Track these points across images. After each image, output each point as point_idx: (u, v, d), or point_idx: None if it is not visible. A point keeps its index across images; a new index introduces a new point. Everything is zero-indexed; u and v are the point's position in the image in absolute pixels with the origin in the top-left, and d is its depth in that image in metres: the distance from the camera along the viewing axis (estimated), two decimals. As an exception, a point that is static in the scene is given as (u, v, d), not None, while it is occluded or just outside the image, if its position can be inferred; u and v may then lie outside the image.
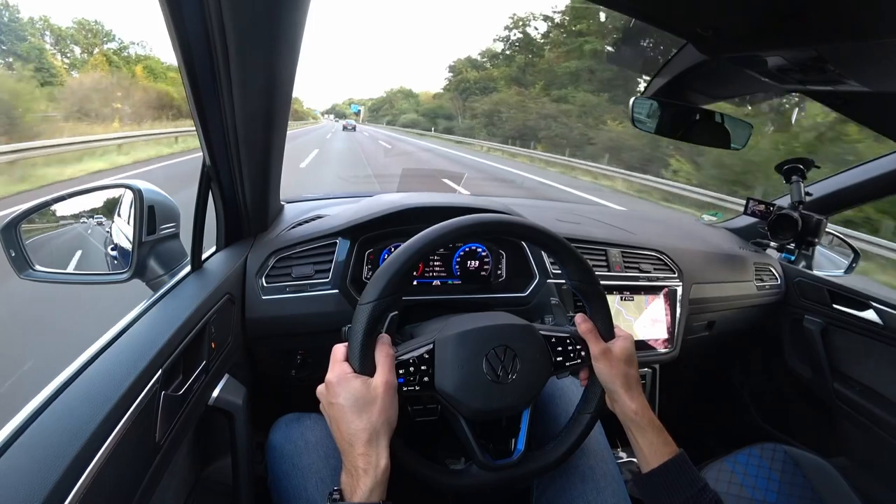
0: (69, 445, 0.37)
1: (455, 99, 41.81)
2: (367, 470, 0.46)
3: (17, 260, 0.64)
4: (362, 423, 0.47)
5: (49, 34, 19.10)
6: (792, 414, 1.33)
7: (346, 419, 0.47)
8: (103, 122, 15.51)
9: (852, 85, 0.54)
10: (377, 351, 0.51)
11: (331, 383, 0.49)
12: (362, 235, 0.89)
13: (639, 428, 0.57)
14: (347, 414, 0.47)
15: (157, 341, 0.52)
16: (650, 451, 0.56)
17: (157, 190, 0.72)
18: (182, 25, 0.49)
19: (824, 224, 1.22)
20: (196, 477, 0.67)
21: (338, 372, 0.50)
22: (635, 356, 0.61)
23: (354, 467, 0.46)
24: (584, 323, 0.61)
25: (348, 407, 0.47)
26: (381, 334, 0.52)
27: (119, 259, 0.72)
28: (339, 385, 0.49)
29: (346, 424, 0.47)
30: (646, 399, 0.59)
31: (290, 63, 0.59)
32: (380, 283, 0.50)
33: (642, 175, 9.93)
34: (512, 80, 33.04)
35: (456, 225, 0.54)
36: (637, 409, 0.57)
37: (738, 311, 1.26)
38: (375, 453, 0.47)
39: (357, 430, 0.47)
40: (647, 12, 0.53)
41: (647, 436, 0.56)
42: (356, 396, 0.48)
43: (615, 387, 0.58)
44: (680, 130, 0.90)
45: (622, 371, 0.58)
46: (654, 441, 0.56)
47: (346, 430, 0.47)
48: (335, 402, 0.48)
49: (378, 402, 0.48)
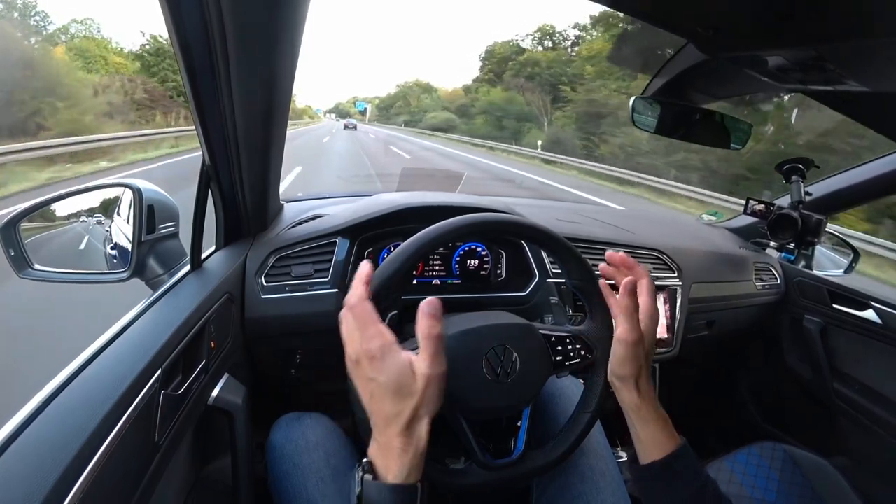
0: (69, 445, 0.37)
1: (533, 91, 26.67)
2: (406, 450, 0.40)
3: (16, 259, 0.64)
4: (404, 408, 0.40)
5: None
6: (791, 413, 1.34)
7: (385, 400, 0.41)
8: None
9: (852, 85, 0.54)
10: (420, 327, 0.41)
11: (371, 356, 0.41)
12: (362, 235, 0.89)
13: (642, 420, 0.53)
14: (387, 395, 0.40)
15: (156, 341, 0.52)
16: (651, 443, 0.52)
17: (157, 189, 0.72)
18: (182, 24, 0.49)
19: (824, 224, 1.22)
20: (196, 476, 0.67)
21: (381, 342, 0.41)
22: (655, 336, 0.56)
23: (390, 445, 0.41)
24: (625, 297, 0.53)
25: (390, 390, 0.40)
26: (425, 300, 0.42)
27: (118, 258, 0.72)
28: (383, 360, 0.40)
29: (385, 404, 0.41)
30: (652, 386, 0.55)
31: (289, 61, 0.59)
32: (379, 282, 0.50)
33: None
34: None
35: (455, 224, 0.54)
36: (640, 402, 0.53)
37: (738, 310, 1.26)
38: (416, 435, 0.41)
39: (397, 411, 0.40)
40: (648, 12, 0.52)
41: (650, 428, 0.52)
42: (398, 379, 0.40)
43: (625, 377, 0.53)
44: (680, 130, 0.90)
45: (639, 361, 0.53)
46: (658, 433, 0.52)
47: (383, 409, 0.41)
48: (375, 379, 0.41)
49: (420, 394, 0.41)
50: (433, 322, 0.41)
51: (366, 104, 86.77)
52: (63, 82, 12.59)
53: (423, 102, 53.95)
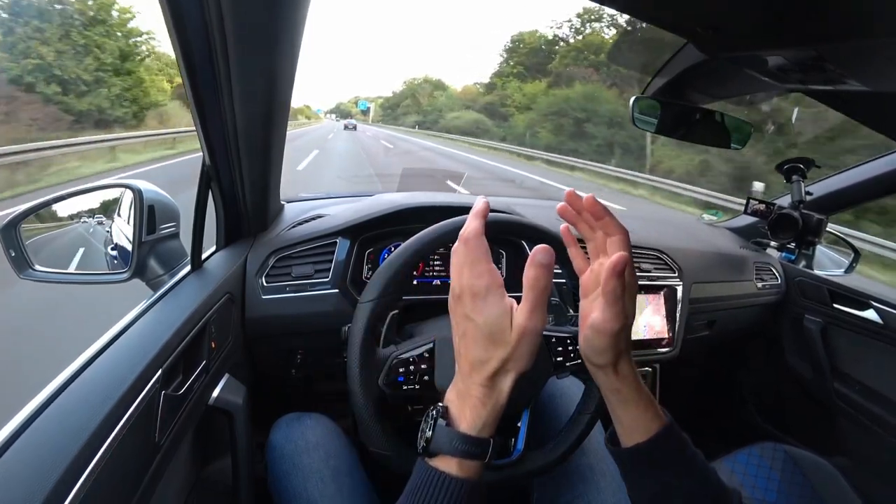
0: (69, 445, 0.37)
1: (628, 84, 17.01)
2: (485, 402, 0.38)
3: (17, 260, 0.64)
4: (495, 356, 0.38)
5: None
6: (792, 413, 1.34)
7: (476, 343, 0.39)
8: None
9: (852, 85, 0.54)
10: (530, 274, 0.38)
11: (475, 294, 0.39)
12: (362, 235, 0.89)
13: (622, 402, 0.45)
14: (480, 338, 0.38)
15: (157, 341, 0.52)
16: (634, 425, 0.45)
17: (157, 190, 0.72)
18: (182, 24, 0.49)
19: (825, 223, 1.22)
20: (196, 477, 0.67)
21: (484, 283, 0.39)
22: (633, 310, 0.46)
23: (469, 393, 0.39)
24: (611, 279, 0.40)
25: (484, 332, 0.38)
26: (539, 247, 0.38)
27: (119, 259, 0.72)
28: (485, 300, 0.38)
29: (476, 348, 0.39)
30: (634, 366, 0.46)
31: (290, 61, 0.59)
32: (380, 282, 0.50)
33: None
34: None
35: (456, 224, 0.54)
36: (620, 385, 0.45)
37: (739, 310, 1.26)
38: (498, 388, 0.39)
39: (486, 359, 0.38)
40: (648, 11, 0.52)
41: (630, 410, 0.45)
42: (496, 324, 0.38)
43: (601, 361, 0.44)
44: (680, 130, 0.90)
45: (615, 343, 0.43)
46: (640, 414, 0.45)
47: (472, 353, 0.39)
48: (472, 320, 0.39)
49: (512, 346, 0.38)
50: (543, 272, 0.37)
51: (368, 103, 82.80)
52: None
53: (436, 101, 46.71)
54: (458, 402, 0.39)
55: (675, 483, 0.44)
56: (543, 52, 30.68)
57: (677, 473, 0.44)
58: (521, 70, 32.01)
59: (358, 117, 69.17)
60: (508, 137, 22.93)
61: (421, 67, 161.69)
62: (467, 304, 0.39)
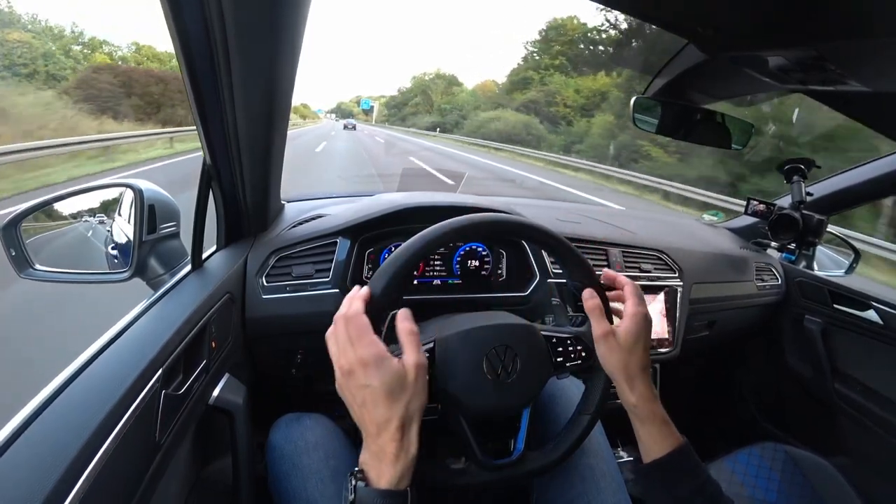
0: (70, 445, 0.37)
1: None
2: (399, 456, 0.43)
3: (17, 259, 0.64)
4: (397, 409, 0.43)
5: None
6: (792, 413, 1.33)
7: (378, 404, 0.43)
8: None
9: (853, 85, 0.54)
10: (400, 329, 0.47)
11: (366, 364, 0.44)
12: (363, 235, 0.89)
13: (639, 419, 0.54)
14: (381, 398, 0.43)
15: (157, 341, 0.52)
16: (650, 442, 0.53)
17: (158, 189, 0.72)
18: (182, 23, 0.49)
19: (825, 224, 1.22)
20: (196, 476, 0.67)
21: (373, 351, 0.44)
22: (644, 338, 0.55)
23: (383, 451, 0.43)
24: (591, 299, 0.56)
25: (383, 392, 0.43)
26: (399, 310, 0.49)
27: (119, 258, 0.72)
28: (375, 366, 0.44)
29: (378, 409, 0.43)
30: (651, 387, 0.55)
31: (290, 60, 0.59)
32: (380, 282, 0.50)
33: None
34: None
35: (456, 224, 0.54)
36: (636, 402, 0.53)
37: (739, 310, 1.26)
38: (408, 439, 0.44)
39: (391, 416, 0.43)
40: (648, 12, 0.52)
41: (647, 427, 0.53)
42: (392, 380, 0.43)
43: (616, 375, 0.55)
44: (681, 130, 0.90)
45: (623, 358, 0.54)
46: (655, 433, 0.53)
47: (376, 415, 0.43)
48: (369, 385, 0.43)
49: (411, 387, 0.44)
50: (408, 323, 0.48)
51: (372, 102, 79.37)
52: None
53: (455, 98, 39.28)
54: (373, 463, 0.43)
55: (686, 498, 0.50)
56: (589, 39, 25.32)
57: (690, 491, 0.51)
58: (564, 61, 27.42)
59: (359, 117, 67.67)
60: (577, 147, 17.03)
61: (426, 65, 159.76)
62: (360, 376, 0.44)
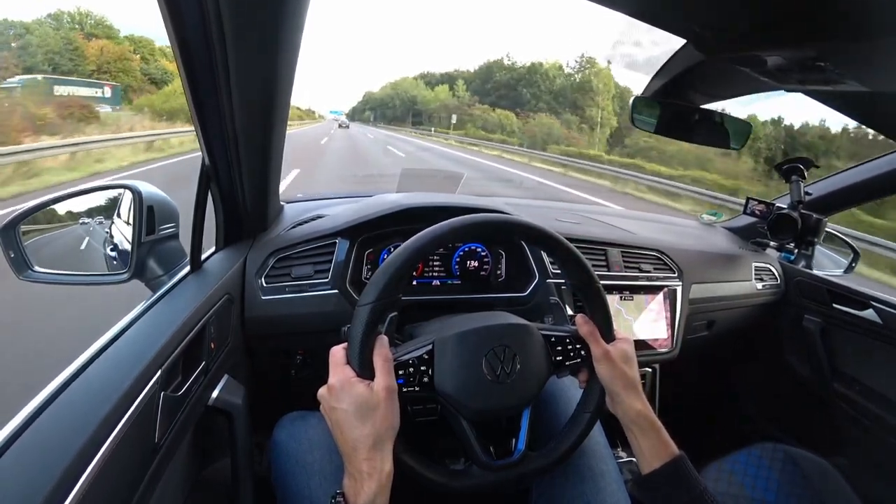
0: (69, 446, 0.37)
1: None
2: (372, 474, 0.46)
3: (16, 261, 0.64)
4: (366, 430, 0.47)
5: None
6: (791, 413, 1.33)
7: (349, 425, 0.47)
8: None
9: (852, 85, 0.54)
10: (375, 354, 0.50)
11: (334, 388, 0.49)
12: (362, 235, 0.89)
13: (640, 429, 0.57)
14: (351, 420, 0.47)
15: (156, 342, 0.52)
16: (651, 453, 0.56)
17: (157, 190, 0.72)
18: (180, 23, 0.49)
19: (824, 224, 1.22)
20: (196, 477, 0.67)
21: (340, 376, 0.49)
22: (635, 358, 0.61)
23: (358, 471, 0.46)
24: (585, 325, 0.61)
25: (352, 413, 0.47)
26: (378, 335, 0.52)
27: (118, 259, 0.72)
28: (342, 390, 0.48)
29: (350, 430, 0.47)
30: (646, 400, 0.59)
31: (289, 61, 0.59)
32: (379, 283, 0.50)
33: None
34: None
35: (455, 225, 0.54)
36: (639, 411, 0.57)
37: (738, 310, 1.26)
38: (380, 458, 0.47)
39: (361, 435, 0.47)
40: (647, 11, 0.52)
41: (648, 437, 0.56)
42: (360, 402, 0.47)
43: (617, 388, 0.58)
44: (679, 130, 0.90)
45: (623, 373, 0.58)
46: (655, 443, 0.56)
47: (349, 435, 0.47)
48: (338, 408, 0.48)
49: (381, 408, 0.48)
50: (384, 349, 0.51)
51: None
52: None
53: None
54: (351, 484, 0.47)
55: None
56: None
57: (689, 500, 0.53)
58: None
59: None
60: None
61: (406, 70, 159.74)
62: (332, 399, 0.49)
